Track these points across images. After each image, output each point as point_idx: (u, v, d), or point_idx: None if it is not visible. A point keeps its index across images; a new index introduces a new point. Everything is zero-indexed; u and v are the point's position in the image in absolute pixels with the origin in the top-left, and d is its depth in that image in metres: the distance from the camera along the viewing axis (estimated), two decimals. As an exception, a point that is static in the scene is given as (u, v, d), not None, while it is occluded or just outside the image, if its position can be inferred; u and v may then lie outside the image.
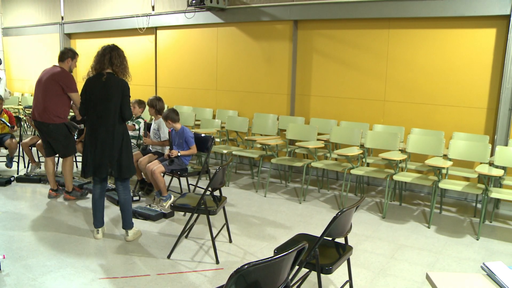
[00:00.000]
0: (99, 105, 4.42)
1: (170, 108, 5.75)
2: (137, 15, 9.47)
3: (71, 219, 5.34)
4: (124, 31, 9.87)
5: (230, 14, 8.05)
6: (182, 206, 4.36)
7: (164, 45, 9.34)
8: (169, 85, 9.29)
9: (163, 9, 9.08)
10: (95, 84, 4.45)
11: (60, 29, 11.46)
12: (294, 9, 7.27)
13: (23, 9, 12.68)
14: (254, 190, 6.60)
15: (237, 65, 8.20)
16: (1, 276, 3.96)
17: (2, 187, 6.64)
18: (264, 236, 4.91)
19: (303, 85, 7.49)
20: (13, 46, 13.26)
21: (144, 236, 4.83)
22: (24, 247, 4.56)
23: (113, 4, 10.04)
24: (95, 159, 4.49)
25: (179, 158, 5.67)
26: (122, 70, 4.47)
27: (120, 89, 4.43)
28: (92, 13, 10.58)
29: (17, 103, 11.78)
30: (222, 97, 8.46)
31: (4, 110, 7.38)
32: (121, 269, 4.09)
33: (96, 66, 4.49)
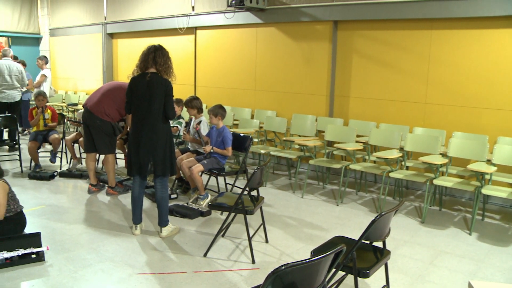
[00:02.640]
0: (143, 104, 4.50)
1: (219, 105, 5.79)
2: (177, 15, 9.59)
3: (111, 215, 5.46)
4: (165, 31, 10.02)
5: (269, 14, 8.05)
6: (219, 205, 4.39)
7: (203, 45, 9.43)
8: (208, 85, 9.38)
9: (203, 9, 9.16)
10: (139, 83, 4.53)
11: (102, 29, 11.73)
12: (334, 10, 7.21)
13: (69, 10, 13.06)
14: (291, 191, 6.59)
15: (276, 65, 8.20)
16: (45, 267, 4.09)
17: (46, 181, 6.86)
18: (300, 237, 4.89)
19: (342, 86, 7.42)
20: (59, 46, 13.68)
21: (181, 234, 4.89)
22: (66, 240, 4.69)
23: (154, 5, 10.20)
24: (139, 158, 4.58)
25: (216, 157, 5.71)
26: (165, 69, 4.53)
27: (164, 89, 4.49)
28: (134, 13, 10.79)
29: (61, 100, 12.13)
30: (261, 97, 8.48)
31: (48, 106, 7.61)
32: (158, 265, 4.15)
33: (140, 65, 4.56)
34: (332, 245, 2.88)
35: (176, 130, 6.50)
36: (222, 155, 5.72)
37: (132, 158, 4.64)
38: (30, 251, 4.14)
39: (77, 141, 7.35)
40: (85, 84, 12.56)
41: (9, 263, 4.05)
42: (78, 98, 11.68)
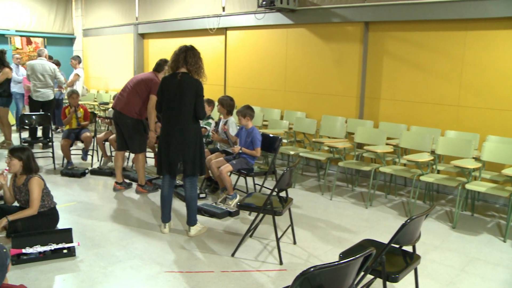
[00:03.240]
0: (174, 104, 4.54)
1: (247, 105, 5.81)
2: (207, 16, 9.65)
3: (140, 213, 5.53)
4: (195, 31, 10.09)
5: (300, 15, 8.02)
6: (248, 205, 4.40)
7: (233, 46, 9.47)
8: (238, 85, 9.41)
9: (233, 10, 9.20)
10: (170, 83, 4.57)
11: (134, 30, 11.89)
12: (365, 11, 7.14)
13: (101, 11, 13.29)
14: (320, 193, 6.55)
15: (306, 66, 8.16)
16: (75, 262, 4.18)
17: (77, 178, 6.99)
18: (328, 239, 4.86)
19: (372, 88, 7.34)
20: (92, 46, 13.93)
21: (209, 233, 4.92)
22: (96, 236, 4.78)
23: (185, 5, 10.29)
24: (169, 157, 4.62)
25: (245, 157, 5.72)
26: (196, 69, 4.55)
27: (194, 89, 4.52)
28: (165, 14, 10.90)
29: (93, 99, 12.35)
30: (291, 98, 8.46)
31: (81, 105, 7.77)
32: (186, 264, 4.19)
33: (171, 64, 4.60)
34: (361, 248, 2.86)
35: (205, 131, 6.53)
36: (251, 156, 5.73)
37: (162, 157, 4.69)
38: (62, 246, 4.23)
39: (108, 140, 7.48)
40: (116, 84, 12.74)
41: (42, 257, 4.15)
42: (110, 97, 11.86)
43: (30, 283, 3.14)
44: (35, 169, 4.64)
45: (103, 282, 3.82)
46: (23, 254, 4.09)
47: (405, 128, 6.81)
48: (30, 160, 4.61)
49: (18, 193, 4.67)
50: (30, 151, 4.68)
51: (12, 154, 4.58)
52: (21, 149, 4.64)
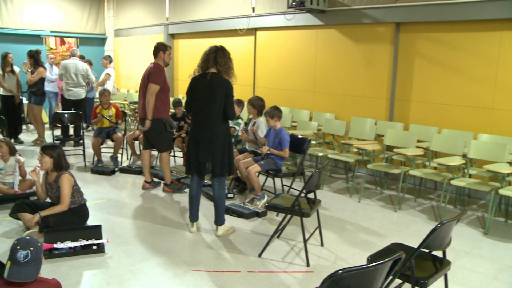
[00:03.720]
0: (203, 104, 4.56)
1: (274, 106, 5.81)
2: (237, 17, 9.68)
3: (168, 212, 5.58)
4: (225, 32, 10.14)
5: (330, 16, 7.97)
6: (276, 206, 4.40)
7: (263, 46, 9.47)
8: (267, 86, 9.41)
9: (263, 10, 9.20)
10: (199, 83, 4.59)
11: (164, 30, 12.02)
12: (397, 11, 7.04)
13: (132, 12, 13.49)
14: (348, 195, 6.49)
15: (336, 67, 8.10)
16: (104, 258, 4.24)
17: (107, 176, 7.10)
18: (356, 242, 4.81)
19: (403, 90, 7.23)
20: (122, 46, 14.14)
21: (236, 233, 4.92)
22: (125, 234, 4.84)
23: (215, 6, 10.35)
24: (198, 156, 4.64)
25: (273, 158, 5.72)
26: (226, 69, 4.56)
27: (224, 89, 4.53)
28: (195, 14, 10.98)
29: (123, 98, 12.53)
30: (320, 99, 8.41)
31: (112, 104, 7.88)
32: (213, 263, 4.20)
33: (201, 64, 4.62)
34: (390, 252, 2.81)
35: (234, 131, 6.56)
36: (279, 157, 5.72)
37: (191, 157, 4.71)
38: (91, 243, 4.31)
39: (137, 138, 7.57)
40: (146, 83, 12.88)
41: (72, 252, 4.24)
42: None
43: (61, 277, 3.20)
44: (65, 167, 4.74)
45: (130, 279, 3.87)
46: (54, 249, 4.18)
47: (436, 131, 6.68)
48: (61, 158, 4.71)
49: (49, 189, 4.78)
50: (61, 149, 4.78)
51: (44, 151, 4.69)
52: (52, 147, 4.75)
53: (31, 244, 2.67)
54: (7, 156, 5.92)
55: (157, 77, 5.94)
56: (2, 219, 5.18)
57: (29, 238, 2.72)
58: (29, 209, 4.72)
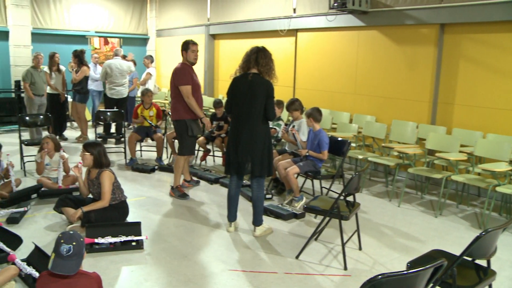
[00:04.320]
0: (244, 104, 4.56)
1: (315, 108, 5.78)
2: (278, 17, 9.67)
3: (206, 210, 5.62)
4: (266, 32, 10.14)
5: (372, 17, 7.86)
6: (314, 208, 4.36)
7: (304, 47, 9.43)
8: (307, 87, 9.36)
9: (304, 11, 9.16)
10: (240, 84, 4.61)
11: (205, 30, 12.13)
12: (442, 12, 6.87)
13: (174, 12, 13.67)
14: (387, 199, 6.38)
15: (377, 69, 7.98)
16: (143, 255, 4.31)
17: (147, 174, 7.21)
18: (395, 247, 4.72)
19: (446, 93, 7.05)
20: (164, 46, 14.36)
21: (274, 234, 4.91)
22: (163, 231, 4.91)
23: (256, 6, 10.37)
24: (237, 157, 4.65)
25: (312, 160, 5.68)
26: (267, 70, 4.56)
27: (265, 90, 4.53)
28: (236, 15, 11.04)
29: (164, 97, 12.71)
30: (360, 102, 8.30)
31: (153, 103, 8.00)
32: (250, 264, 4.21)
33: (243, 65, 4.63)
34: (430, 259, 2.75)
35: (275, 132, 6.55)
36: (318, 158, 5.68)
37: (230, 157, 4.73)
38: (131, 239, 4.38)
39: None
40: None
41: (112, 247, 4.32)
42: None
43: (101, 271, 3.27)
44: (105, 164, 4.85)
45: (168, 276, 3.91)
46: (95, 244, 4.28)
47: (481, 136, 6.48)
48: (101, 155, 4.82)
49: (91, 185, 4.90)
50: (101, 147, 4.89)
51: (85, 148, 4.82)
52: (94, 144, 4.87)
53: (74, 238, 2.74)
54: (52, 152, 6.12)
55: (182, 78, 5.82)
56: (46, 213, 5.34)
57: (72, 232, 2.79)
58: (72, 204, 4.86)
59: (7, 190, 5.73)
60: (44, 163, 6.14)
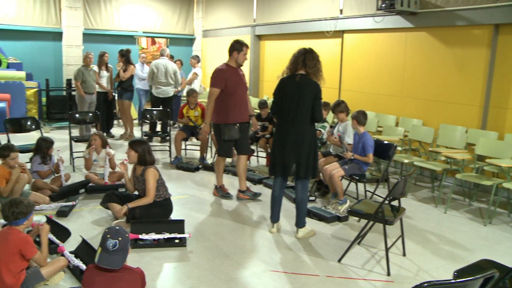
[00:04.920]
0: (292, 105, 4.53)
1: (360, 110, 5.70)
2: (325, 18, 9.59)
3: (249, 210, 5.63)
4: (311, 34, 10.08)
5: (421, 18, 7.68)
6: (358, 211, 4.29)
7: (350, 49, 9.31)
8: (352, 89, 9.24)
9: (351, 12, 9.05)
10: (288, 85, 4.58)
11: (251, 31, 12.17)
12: (496, 12, 6.63)
13: (220, 13, 13.80)
14: (433, 205, 6.20)
15: (425, 71, 7.79)
16: (185, 252, 4.36)
17: (191, 173, 7.28)
18: (441, 254, 4.59)
19: (499, 97, 6.80)
20: (210, 46, 14.50)
21: (316, 236, 4.87)
22: (206, 230, 4.94)
23: (302, 7, 10.32)
24: (283, 158, 4.62)
25: (357, 163, 5.60)
26: (315, 72, 4.53)
27: (313, 91, 4.51)
28: (282, 15, 11.02)
29: (209, 98, 12.82)
30: (407, 105, 8.12)
31: (198, 103, 8.09)
32: (291, 265, 4.18)
33: (290, 66, 4.61)
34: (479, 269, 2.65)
35: (320, 134, 6.50)
36: (363, 162, 5.59)
37: (276, 158, 4.70)
38: (174, 236, 4.44)
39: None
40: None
41: (156, 244, 4.39)
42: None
43: (144, 267, 3.32)
44: (149, 162, 4.93)
45: (209, 275, 3.94)
46: (139, 240, 4.35)
47: (535, 142, 6.22)
48: (146, 153, 4.91)
49: (136, 182, 5.00)
50: (147, 145, 4.98)
51: (131, 146, 4.94)
52: (139, 142, 4.97)
53: (120, 234, 2.80)
54: (99, 149, 6.29)
55: (214, 80, 5.70)
56: (93, 208, 5.48)
57: (118, 228, 2.85)
58: (118, 200, 4.97)
59: (57, 184, 5.93)
60: (92, 159, 6.32)
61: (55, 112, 11.38)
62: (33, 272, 3.53)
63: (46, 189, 5.76)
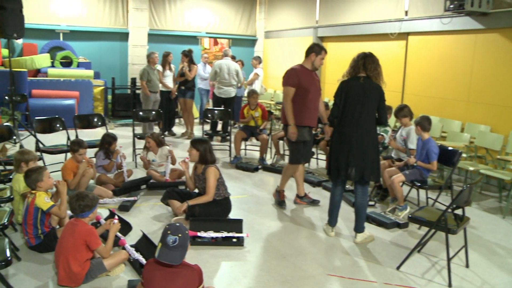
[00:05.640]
0: (357, 107, 4.48)
1: (424, 116, 5.55)
2: (389, 20, 9.38)
3: (307, 213, 5.60)
4: (374, 36, 9.90)
5: (493, 19, 7.35)
6: (419, 219, 4.17)
7: (414, 51, 9.06)
8: (416, 93, 8.98)
9: (417, 14, 8.80)
10: (352, 87, 4.53)
11: (314, 33, 12.09)
12: None
13: (283, 14, 13.81)
14: (500, 216, 5.92)
15: (496, 75, 7.44)
16: (243, 252, 4.39)
17: (250, 173, 7.32)
18: (508, 269, 4.37)
19: None
20: (272, 48, 14.55)
21: (375, 242, 4.77)
22: (264, 230, 4.96)
23: (366, 9, 10.14)
24: (348, 162, 4.54)
25: (419, 169, 5.45)
26: (376, 76, 4.49)
27: (378, 93, 4.47)
28: (345, 17, 10.88)
29: (270, 98, 12.88)
30: (474, 110, 7.80)
31: (259, 104, 8.13)
32: (348, 270, 4.12)
33: (350, 70, 4.58)
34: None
35: (382, 138, 6.38)
36: (426, 169, 5.43)
37: (338, 162, 4.60)
38: (232, 235, 4.47)
39: (282, 138, 7.70)
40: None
41: (213, 242, 4.44)
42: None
43: (201, 264, 3.35)
44: (210, 161, 5.00)
45: (266, 275, 3.95)
46: (198, 237, 4.42)
47: None
48: (206, 152, 4.99)
49: (197, 180, 5.08)
50: (208, 144, 5.06)
51: (192, 144, 5.02)
52: (201, 141, 5.06)
53: (180, 230, 2.85)
54: (156, 149, 6.40)
55: (286, 78, 5.40)
56: (154, 204, 5.62)
57: (179, 225, 2.91)
58: (178, 197, 5.08)
59: (120, 179, 6.14)
60: (150, 159, 6.43)
61: (119, 110, 11.78)
62: (96, 263, 3.68)
63: (109, 184, 5.98)
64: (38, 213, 4.06)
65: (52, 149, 6.61)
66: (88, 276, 3.62)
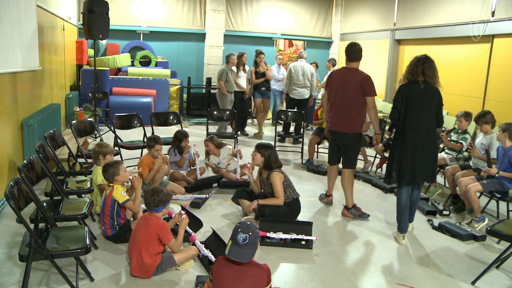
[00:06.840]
0: (417, 111, 4.51)
1: (510, 122, 5.28)
2: (472, 22, 8.94)
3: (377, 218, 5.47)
4: (455, 38, 9.47)
5: None
6: (499, 232, 3.96)
7: (500, 55, 8.57)
8: (500, 99, 8.49)
9: (505, 15, 8.31)
10: (413, 90, 4.53)
11: (391, 35, 11.80)
12: None
13: (359, 16, 13.59)
14: None
15: None
16: (311, 255, 4.37)
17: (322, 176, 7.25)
18: None
19: None
20: (348, 50, 14.33)
21: (449, 254, 4.58)
22: (334, 234, 4.92)
23: (447, 11, 9.72)
24: (414, 165, 4.54)
25: (499, 178, 5.16)
26: (434, 81, 4.53)
27: (438, 97, 4.55)
28: (424, 19, 10.49)
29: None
30: None
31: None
32: (419, 281, 3.99)
33: (408, 76, 4.60)
34: None
35: (460, 146, 6.14)
36: (508, 178, 5.14)
37: (404, 165, 4.56)
38: (301, 237, 4.45)
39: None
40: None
41: (282, 243, 4.45)
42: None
43: (270, 264, 3.37)
44: (275, 166, 4.97)
45: (333, 280, 3.90)
46: (267, 237, 4.44)
47: None
48: (271, 158, 4.99)
49: (263, 185, 5.13)
50: (273, 150, 5.06)
51: (257, 149, 5.05)
52: (265, 146, 5.07)
53: (250, 229, 2.88)
54: (217, 151, 6.44)
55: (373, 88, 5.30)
56: (224, 202, 5.72)
57: (249, 223, 2.94)
58: (248, 196, 5.15)
59: (192, 177, 6.30)
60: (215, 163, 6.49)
61: (194, 108, 12.10)
62: (167, 256, 3.80)
63: (182, 181, 6.15)
64: (115, 205, 4.26)
65: (129, 144, 6.89)
66: (158, 268, 3.75)
